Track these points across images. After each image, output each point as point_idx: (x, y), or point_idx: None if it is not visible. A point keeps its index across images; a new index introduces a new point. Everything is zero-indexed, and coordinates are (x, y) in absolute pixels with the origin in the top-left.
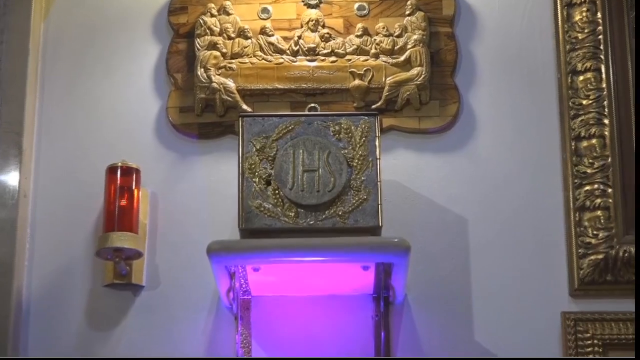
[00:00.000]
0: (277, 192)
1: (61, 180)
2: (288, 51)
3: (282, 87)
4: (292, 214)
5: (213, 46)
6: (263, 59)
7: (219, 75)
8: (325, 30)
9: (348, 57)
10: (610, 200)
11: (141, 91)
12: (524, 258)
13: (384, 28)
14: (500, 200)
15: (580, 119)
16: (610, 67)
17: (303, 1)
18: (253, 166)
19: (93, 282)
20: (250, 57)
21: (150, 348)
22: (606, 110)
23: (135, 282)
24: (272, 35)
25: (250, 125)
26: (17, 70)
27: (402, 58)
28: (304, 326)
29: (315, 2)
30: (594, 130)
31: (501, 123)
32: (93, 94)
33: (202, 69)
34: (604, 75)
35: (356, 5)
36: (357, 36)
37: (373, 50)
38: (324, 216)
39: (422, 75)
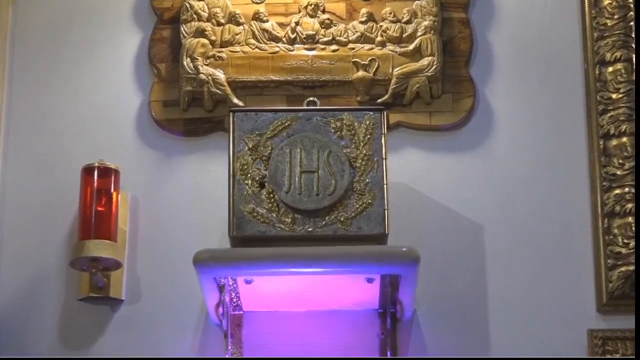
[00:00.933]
0: (271, 195)
1: (32, 183)
2: (284, 39)
3: (277, 78)
4: (289, 220)
5: (201, 33)
6: (256, 47)
7: (207, 65)
8: (326, 16)
9: (351, 45)
10: None
11: (121, 83)
12: (546, 270)
13: (390, 13)
14: (519, 205)
15: (609, 114)
16: None
17: None
18: (245, 167)
19: (67, 296)
20: (242, 45)
21: None
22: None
23: (113, 296)
24: (267, 21)
25: (241, 121)
26: None
27: (411, 47)
28: (302, 345)
29: None
30: (624, 127)
31: (521, 119)
32: (67, 87)
33: (189, 59)
34: (635, 66)
35: None
36: (361, 22)
37: (379, 38)
38: (323, 222)
39: (434, 66)
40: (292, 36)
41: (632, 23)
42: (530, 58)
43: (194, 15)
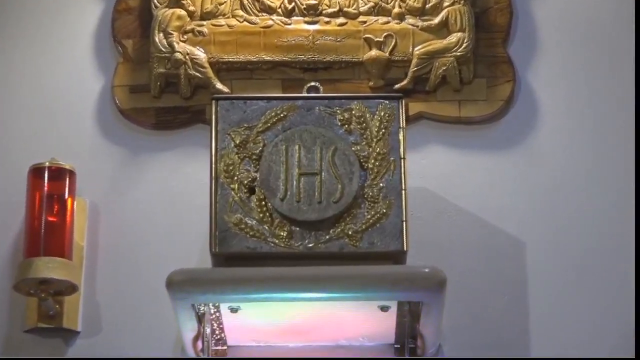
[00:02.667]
0: (263, 203)
1: None
2: (280, 10)
3: (271, 59)
4: (284, 234)
5: (176, 2)
6: (245, 20)
7: (184, 42)
8: None
9: (362, 18)
10: None
11: (77, 64)
12: (601, 296)
13: None
14: (569, 216)
15: None
16: None
17: None
18: (231, 168)
19: (10, 326)
20: (228, 17)
21: None
22: None
23: (67, 327)
24: None
25: (227, 112)
26: None
27: (436, 20)
28: None
29: None
30: None
31: (571, 110)
32: (12, 69)
33: (162, 34)
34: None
35: None
36: None
37: (396, 10)
38: (327, 237)
39: (464, 44)
40: (290, 6)
41: None
42: (582, 35)
43: None
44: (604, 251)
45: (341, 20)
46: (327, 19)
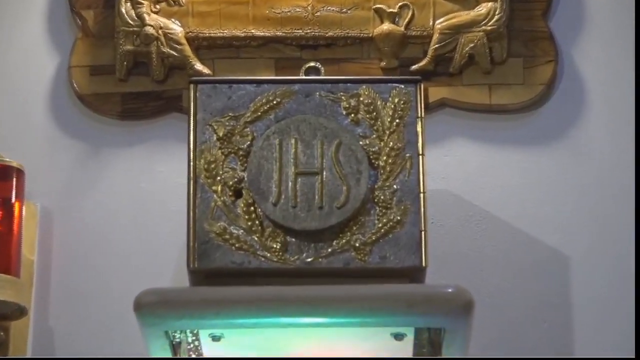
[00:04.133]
0: (252, 209)
1: None
2: None
3: (261, 34)
4: (278, 246)
5: None
6: None
7: (156, 13)
8: None
9: None
10: None
11: (27, 40)
12: None
13: None
14: (621, 224)
15: None
16: None
17: None
18: (213, 166)
19: None
20: None
21: None
22: None
23: (14, 356)
24: None
25: (208, 98)
26: None
27: None
28: None
29: None
30: None
31: (623, 96)
32: None
33: (129, 3)
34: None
35: None
36: None
37: None
38: (329, 250)
39: (495, 17)
40: None
41: None
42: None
43: None
44: None
45: None
46: None
